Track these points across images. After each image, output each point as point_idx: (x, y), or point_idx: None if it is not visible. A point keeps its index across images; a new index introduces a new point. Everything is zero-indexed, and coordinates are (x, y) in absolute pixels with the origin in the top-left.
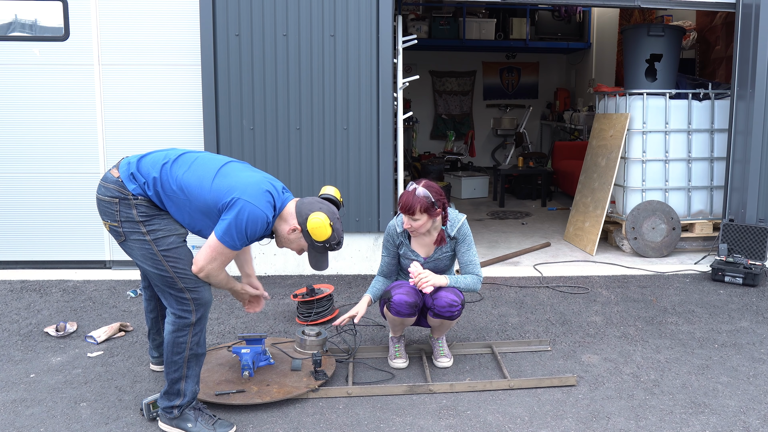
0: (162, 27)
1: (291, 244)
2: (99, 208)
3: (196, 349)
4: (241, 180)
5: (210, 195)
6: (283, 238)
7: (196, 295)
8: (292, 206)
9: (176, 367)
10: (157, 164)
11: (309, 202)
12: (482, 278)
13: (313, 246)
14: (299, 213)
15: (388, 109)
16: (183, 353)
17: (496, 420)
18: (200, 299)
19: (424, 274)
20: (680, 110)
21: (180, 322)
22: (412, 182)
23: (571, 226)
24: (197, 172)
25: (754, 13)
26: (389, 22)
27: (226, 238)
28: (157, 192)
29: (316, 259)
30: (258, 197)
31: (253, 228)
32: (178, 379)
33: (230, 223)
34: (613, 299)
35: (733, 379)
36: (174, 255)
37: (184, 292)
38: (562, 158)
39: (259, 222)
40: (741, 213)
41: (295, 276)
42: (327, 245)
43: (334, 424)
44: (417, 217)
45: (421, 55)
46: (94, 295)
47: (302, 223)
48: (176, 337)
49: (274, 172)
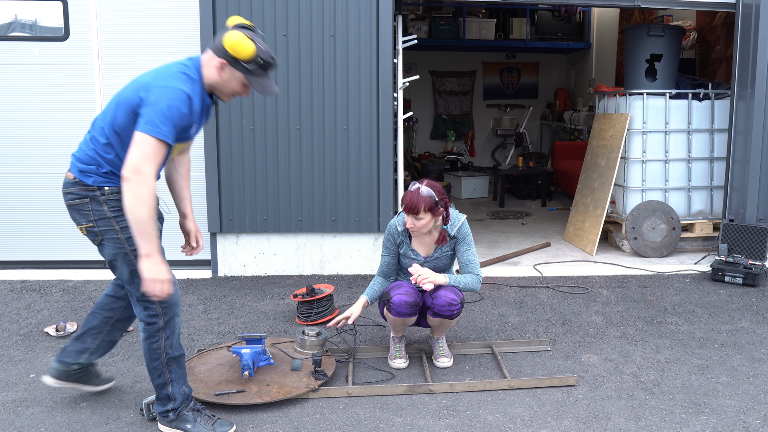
0: (162, 27)
1: (230, 84)
2: (72, 215)
3: (172, 353)
4: (147, 75)
5: (127, 105)
6: (220, 84)
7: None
8: (206, 53)
9: (158, 373)
10: (85, 138)
11: (216, 37)
12: (482, 278)
13: (248, 70)
14: (215, 49)
15: (388, 109)
16: (160, 359)
17: (496, 420)
18: (167, 302)
19: (424, 272)
20: (680, 110)
21: (149, 328)
22: (414, 182)
23: (571, 226)
24: (110, 105)
25: (754, 13)
26: (389, 22)
27: (149, 128)
28: (99, 153)
29: (262, 84)
30: (166, 78)
31: (173, 105)
32: (164, 384)
33: (148, 110)
34: (613, 299)
35: (733, 379)
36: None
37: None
38: (562, 158)
39: (176, 97)
40: (741, 213)
41: (295, 276)
42: (261, 62)
43: (334, 424)
44: (421, 216)
45: (421, 55)
46: (94, 295)
47: (222, 53)
48: (150, 344)
49: (274, 172)
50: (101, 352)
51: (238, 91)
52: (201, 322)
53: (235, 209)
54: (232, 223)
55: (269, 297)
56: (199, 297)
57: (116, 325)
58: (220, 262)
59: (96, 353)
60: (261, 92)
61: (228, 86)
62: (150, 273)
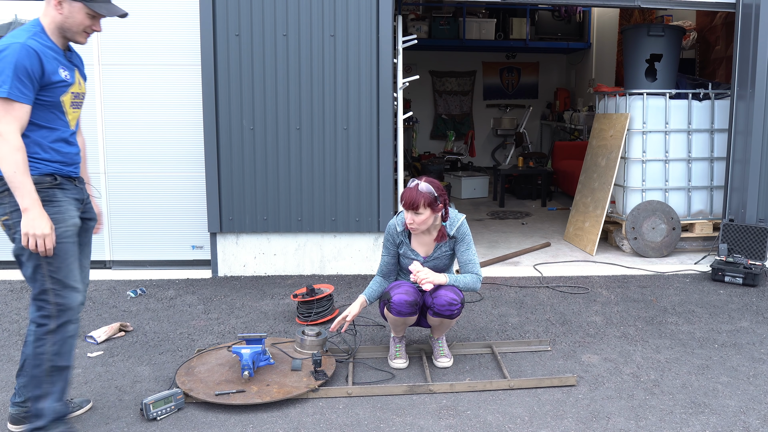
0: (162, 27)
1: (75, 17)
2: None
3: (57, 361)
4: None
5: None
6: (65, 22)
7: (60, 299)
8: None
9: (37, 382)
10: None
11: None
12: (482, 277)
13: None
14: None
15: (388, 109)
16: (42, 366)
17: (496, 420)
18: (64, 305)
19: (424, 272)
20: (680, 110)
21: (39, 330)
22: (413, 179)
23: (571, 226)
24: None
25: (754, 13)
26: (389, 22)
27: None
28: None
29: (106, 8)
30: (4, 42)
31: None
32: (39, 397)
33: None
34: (613, 299)
35: (733, 379)
36: (53, 249)
37: (48, 294)
38: (562, 158)
39: (19, 50)
40: (741, 213)
41: (295, 276)
42: None
43: (334, 424)
44: (421, 211)
45: (421, 55)
46: (94, 295)
47: None
48: (35, 348)
49: (274, 172)
50: None
51: (87, 24)
52: (201, 322)
53: (235, 209)
54: (232, 223)
55: (269, 297)
56: (199, 297)
57: None
58: (220, 262)
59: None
60: (107, 15)
61: (74, 21)
62: (27, 227)
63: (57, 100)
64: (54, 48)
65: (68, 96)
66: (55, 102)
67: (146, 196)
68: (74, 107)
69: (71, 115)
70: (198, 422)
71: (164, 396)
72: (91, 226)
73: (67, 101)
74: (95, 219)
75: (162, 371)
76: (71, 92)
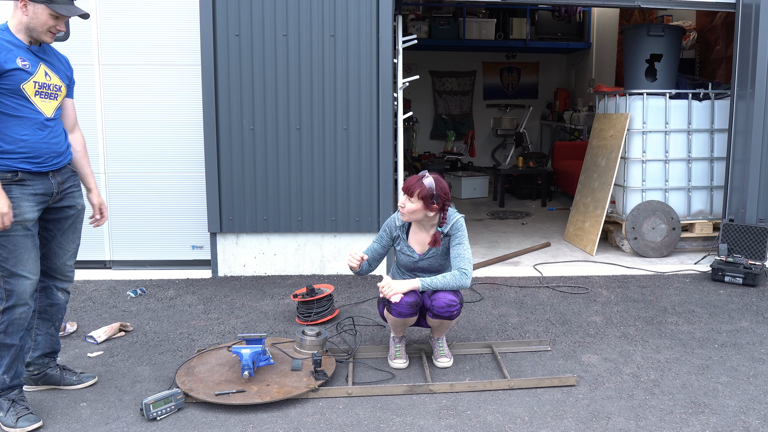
0: (162, 27)
1: (39, 18)
2: None
3: (3, 339)
4: None
5: None
6: (31, 23)
7: (8, 286)
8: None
9: None
10: None
11: None
12: (470, 273)
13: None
14: None
15: (388, 109)
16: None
17: (496, 420)
18: (12, 291)
19: (387, 284)
20: (680, 110)
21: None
22: (425, 170)
23: (571, 226)
24: None
25: (754, 13)
26: (389, 22)
27: None
28: None
29: (66, 9)
30: None
31: None
32: None
33: None
34: (613, 299)
35: (733, 379)
36: (3, 241)
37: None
38: (562, 158)
39: None
40: (741, 213)
41: (295, 276)
42: None
43: (334, 424)
44: (413, 200)
45: (421, 55)
46: (94, 295)
47: None
48: None
49: (274, 172)
50: (43, 346)
51: (51, 24)
52: (201, 322)
53: (235, 209)
54: (232, 223)
55: (269, 297)
56: (199, 297)
57: (42, 317)
58: (220, 262)
59: (38, 349)
60: (68, 15)
61: (38, 22)
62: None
63: (17, 87)
64: (14, 41)
65: (30, 84)
66: (15, 88)
67: (146, 196)
68: (43, 97)
69: (42, 105)
70: (198, 422)
71: (164, 396)
72: (72, 214)
73: (30, 89)
74: (76, 207)
75: (162, 371)
76: (34, 81)
